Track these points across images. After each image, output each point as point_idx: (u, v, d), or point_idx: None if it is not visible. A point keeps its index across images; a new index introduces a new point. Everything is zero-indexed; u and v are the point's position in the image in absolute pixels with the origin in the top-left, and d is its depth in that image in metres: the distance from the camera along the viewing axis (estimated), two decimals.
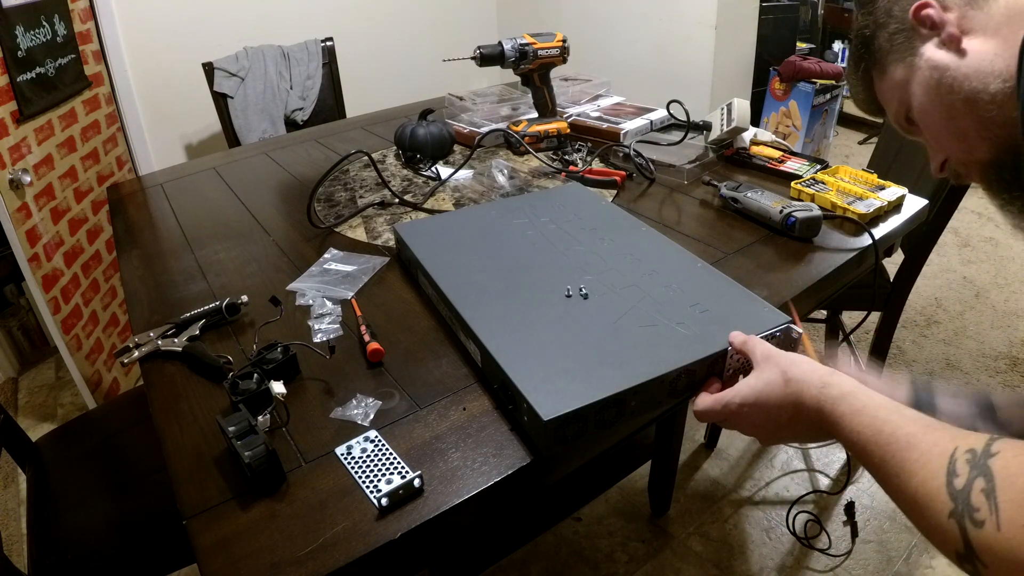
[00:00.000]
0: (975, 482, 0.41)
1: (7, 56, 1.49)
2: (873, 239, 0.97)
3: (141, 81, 2.27)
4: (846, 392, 0.53)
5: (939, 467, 0.43)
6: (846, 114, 4.05)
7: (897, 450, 0.47)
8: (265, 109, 2.23)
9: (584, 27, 2.73)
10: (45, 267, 1.63)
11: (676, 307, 0.77)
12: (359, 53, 2.69)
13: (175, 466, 0.66)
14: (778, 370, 0.59)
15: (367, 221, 1.16)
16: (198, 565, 0.55)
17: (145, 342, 0.84)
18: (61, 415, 2.04)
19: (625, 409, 0.66)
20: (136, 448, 1.21)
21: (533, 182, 1.27)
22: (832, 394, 0.54)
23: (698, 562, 1.50)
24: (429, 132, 1.38)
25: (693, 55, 2.44)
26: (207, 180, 1.42)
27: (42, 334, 2.30)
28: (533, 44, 1.35)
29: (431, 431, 0.68)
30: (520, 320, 0.76)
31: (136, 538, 1.03)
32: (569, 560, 1.52)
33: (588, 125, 1.44)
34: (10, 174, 1.50)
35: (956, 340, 2.19)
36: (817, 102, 3.02)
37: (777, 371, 0.59)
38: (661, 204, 1.17)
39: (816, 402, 0.55)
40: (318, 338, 0.83)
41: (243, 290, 0.93)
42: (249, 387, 0.70)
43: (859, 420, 0.51)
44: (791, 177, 1.18)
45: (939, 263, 2.62)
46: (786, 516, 1.59)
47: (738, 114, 1.23)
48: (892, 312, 1.53)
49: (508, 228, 0.98)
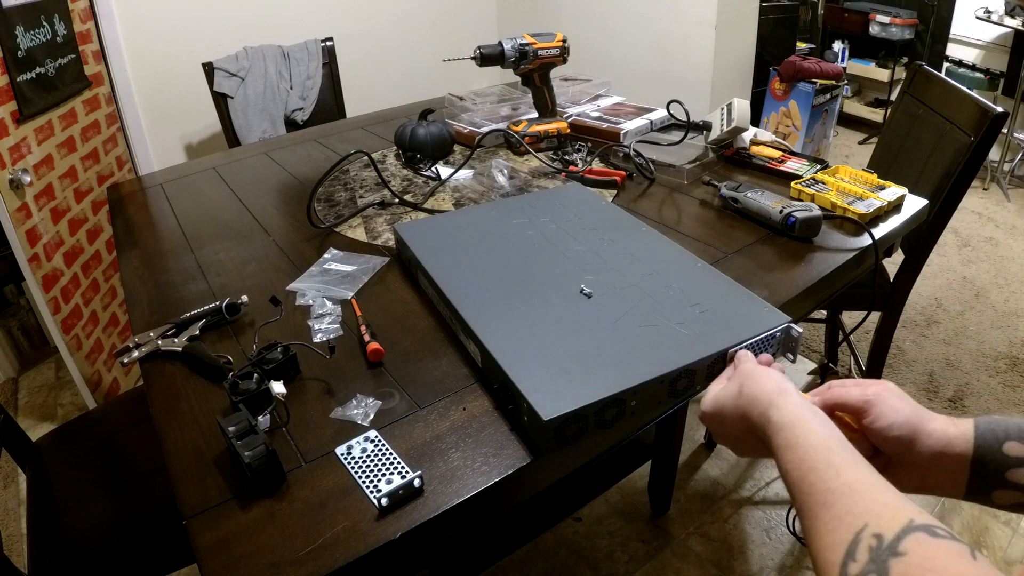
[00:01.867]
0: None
1: (7, 56, 1.49)
2: (873, 239, 0.97)
3: (141, 81, 2.27)
4: (786, 423, 0.49)
5: (841, 541, 0.39)
6: (846, 114, 4.05)
7: (813, 504, 0.43)
8: (265, 109, 2.23)
9: (584, 27, 2.73)
10: (45, 267, 1.63)
11: (676, 307, 0.77)
12: (359, 53, 2.69)
13: (175, 466, 0.66)
14: (737, 382, 0.58)
15: (367, 221, 1.16)
16: (198, 565, 0.55)
17: (145, 342, 0.84)
18: (61, 415, 2.04)
19: (625, 409, 0.66)
20: (136, 448, 1.21)
21: (533, 182, 1.27)
22: (774, 419, 0.50)
23: (698, 562, 1.50)
24: (429, 132, 1.38)
25: (693, 55, 2.44)
26: (207, 180, 1.42)
27: (42, 334, 2.30)
28: (533, 44, 1.35)
29: (431, 431, 0.68)
30: (520, 320, 0.76)
31: (136, 538, 1.03)
32: (569, 560, 1.52)
33: (588, 125, 1.44)
34: (10, 174, 1.50)
35: (956, 340, 2.19)
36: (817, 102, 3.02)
37: (736, 383, 0.58)
38: (661, 204, 1.17)
39: (761, 422, 0.52)
40: (318, 338, 0.83)
41: (243, 290, 0.93)
42: (249, 387, 0.70)
43: (789, 456, 0.47)
44: (791, 177, 1.18)
45: (939, 263, 2.62)
46: (786, 516, 1.59)
47: (738, 114, 1.23)
48: (892, 312, 1.53)
49: (508, 228, 0.98)
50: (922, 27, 3.65)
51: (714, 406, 0.59)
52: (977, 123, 1.30)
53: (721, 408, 0.58)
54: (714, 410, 0.59)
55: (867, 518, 0.39)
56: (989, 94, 3.37)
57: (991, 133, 1.28)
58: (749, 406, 0.54)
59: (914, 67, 1.60)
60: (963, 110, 1.37)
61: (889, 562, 0.35)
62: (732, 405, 0.57)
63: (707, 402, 0.60)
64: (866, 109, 4.06)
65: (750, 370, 0.58)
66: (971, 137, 1.31)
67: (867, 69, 3.96)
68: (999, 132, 1.29)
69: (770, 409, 0.52)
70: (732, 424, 0.57)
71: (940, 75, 1.52)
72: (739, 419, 0.56)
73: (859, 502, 0.40)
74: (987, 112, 1.28)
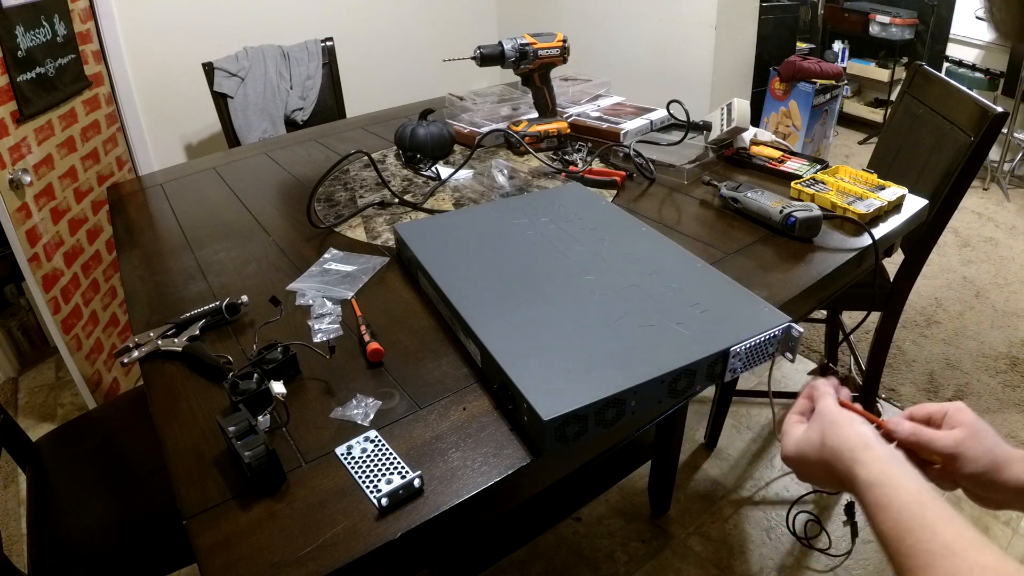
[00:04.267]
0: None
1: (7, 56, 1.49)
2: (873, 239, 0.97)
3: (141, 81, 2.27)
4: (874, 481, 0.49)
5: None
6: (846, 114, 4.05)
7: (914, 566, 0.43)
8: (265, 109, 2.23)
9: (584, 27, 2.73)
10: (45, 267, 1.63)
11: (676, 307, 0.77)
12: (359, 53, 2.69)
13: (175, 466, 0.66)
14: (819, 430, 0.56)
15: (367, 221, 1.16)
16: (198, 565, 0.55)
17: (145, 342, 0.84)
18: (61, 415, 2.04)
19: (625, 409, 0.66)
20: (136, 448, 1.21)
21: (533, 182, 1.27)
22: (861, 477, 0.50)
23: (698, 562, 1.50)
24: (429, 132, 1.38)
25: (693, 55, 2.44)
26: (207, 180, 1.42)
27: (42, 334, 2.30)
28: (533, 44, 1.35)
29: (431, 431, 0.68)
30: (520, 320, 0.76)
31: (136, 538, 1.03)
32: (569, 560, 1.52)
33: (588, 125, 1.44)
34: (10, 174, 1.50)
35: (956, 340, 2.19)
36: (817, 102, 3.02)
37: (818, 431, 0.57)
38: (661, 204, 1.17)
39: (847, 475, 0.52)
40: (318, 338, 0.83)
41: (243, 290, 0.93)
42: (249, 387, 0.70)
43: (883, 517, 0.47)
44: (791, 177, 1.18)
45: (939, 263, 2.62)
46: (786, 516, 1.59)
47: (738, 114, 1.23)
48: (892, 312, 1.53)
49: (508, 228, 0.98)
50: (922, 27, 3.65)
51: (797, 453, 0.58)
52: (977, 123, 1.30)
53: (804, 457, 0.57)
54: (797, 457, 0.58)
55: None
56: (989, 94, 3.37)
57: (991, 133, 1.28)
58: (833, 459, 0.54)
59: (914, 67, 1.60)
60: (963, 110, 1.37)
61: None
62: (816, 456, 0.56)
63: (789, 448, 0.59)
64: (866, 109, 4.06)
65: (832, 417, 0.57)
66: (971, 137, 1.31)
67: (867, 69, 3.96)
68: (999, 132, 1.29)
69: (855, 466, 0.51)
70: (817, 472, 0.56)
71: (940, 75, 1.52)
72: (824, 469, 0.55)
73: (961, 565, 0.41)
74: (987, 112, 1.28)
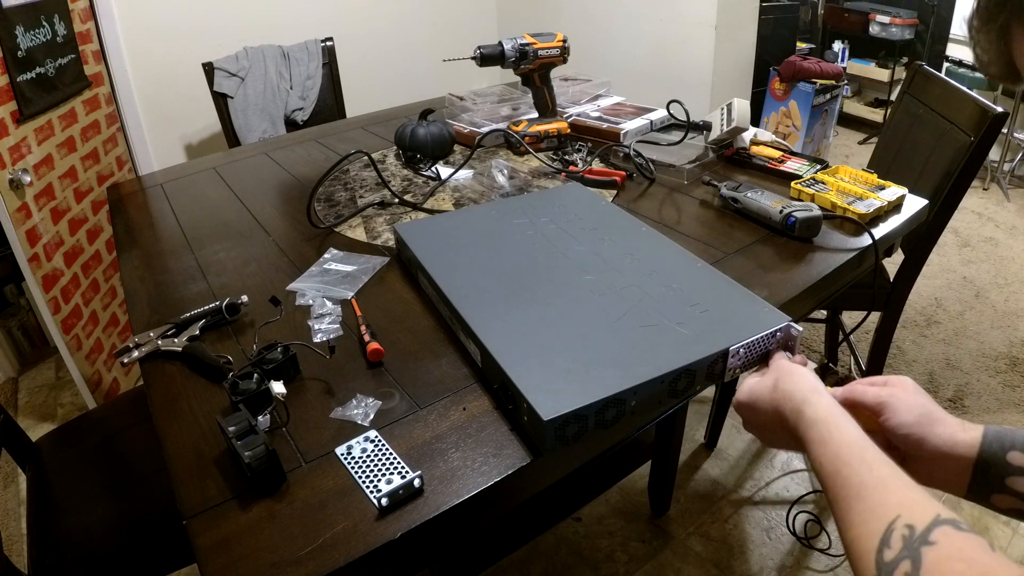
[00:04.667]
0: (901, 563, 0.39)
1: (7, 56, 1.49)
2: (873, 239, 0.97)
3: (141, 81, 2.27)
4: (819, 418, 0.52)
5: (876, 531, 0.42)
6: (846, 114, 4.05)
7: (846, 496, 0.46)
8: (265, 109, 2.23)
9: (584, 27, 2.73)
10: (45, 267, 1.63)
11: (676, 307, 0.77)
12: (359, 53, 2.69)
13: (175, 466, 0.66)
14: (773, 376, 0.61)
15: (367, 221, 1.16)
16: (198, 565, 0.55)
17: (145, 342, 0.84)
18: (61, 415, 2.04)
19: (625, 409, 0.66)
20: (136, 448, 1.21)
21: (533, 182, 1.27)
22: (807, 415, 0.53)
23: (698, 562, 1.50)
24: (429, 132, 1.38)
25: (693, 55, 2.44)
26: (207, 180, 1.42)
27: (42, 334, 2.30)
28: (533, 44, 1.35)
29: (431, 431, 0.68)
30: (520, 320, 0.76)
31: (136, 538, 1.03)
32: (569, 560, 1.52)
33: (588, 125, 1.44)
34: (10, 174, 1.50)
35: (956, 340, 2.19)
36: (817, 102, 3.02)
37: (772, 377, 0.61)
38: (661, 204, 1.17)
39: (794, 418, 0.55)
40: (318, 338, 0.83)
41: (243, 290, 0.93)
42: (249, 387, 0.70)
43: (822, 451, 0.50)
44: (791, 177, 1.18)
45: (939, 263, 2.62)
46: (786, 516, 1.59)
47: (738, 114, 1.23)
48: (892, 312, 1.53)
49: (508, 228, 0.98)
50: (922, 27, 3.65)
51: (749, 397, 0.62)
52: (977, 123, 1.30)
53: (756, 400, 0.61)
54: (749, 401, 0.62)
55: (899, 510, 0.42)
56: (989, 94, 3.37)
57: (991, 133, 1.28)
58: (783, 400, 0.57)
59: (914, 67, 1.60)
60: (963, 110, 1.37)
61: (921, 550, 0.39)
62: (767, 398, 0.60)
63: (742, 392, 0.63)
64: (866, 109, 4.06)
65: (786, 367, 0.62)
66: (971, 137, 1.31)
67: (867, 69, 3.96)
68: (999, 132, 1.29)
69: (804, 405, 0.55)
70: (765, 415, 0.60)
71: (940, 75, 1.52)
72: (772, 412, 0.59)
73: (891, 496, 0.44)
74: (987, 112, 1.28)
